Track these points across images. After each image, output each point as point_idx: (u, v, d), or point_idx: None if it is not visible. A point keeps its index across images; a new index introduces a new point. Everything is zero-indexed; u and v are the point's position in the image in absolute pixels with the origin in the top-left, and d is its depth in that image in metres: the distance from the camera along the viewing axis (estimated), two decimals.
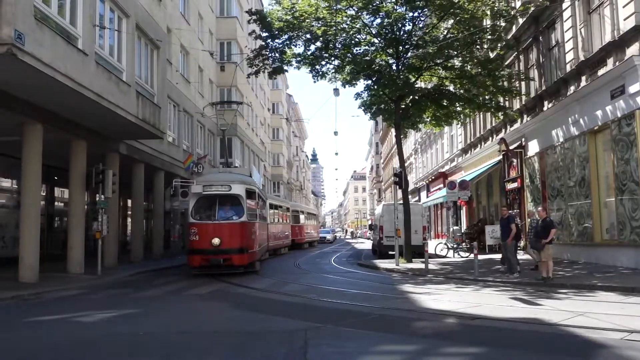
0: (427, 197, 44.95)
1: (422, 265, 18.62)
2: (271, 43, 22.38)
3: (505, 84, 23.22)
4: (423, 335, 7.94)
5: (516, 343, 7.32)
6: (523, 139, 24.27)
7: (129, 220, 31.47)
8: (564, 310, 9.45)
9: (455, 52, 22.29)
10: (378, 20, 21.91)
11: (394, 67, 22.62)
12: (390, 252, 24.09)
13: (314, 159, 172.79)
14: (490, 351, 6.80)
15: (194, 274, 17.68)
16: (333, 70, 23.17)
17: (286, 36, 21.89)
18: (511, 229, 15.67)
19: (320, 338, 7.73)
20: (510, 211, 20.12)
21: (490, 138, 29.35)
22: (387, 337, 7.75)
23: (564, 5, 19.54)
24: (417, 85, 23.13)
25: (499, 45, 23.34)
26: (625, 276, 14.08)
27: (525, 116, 24.15)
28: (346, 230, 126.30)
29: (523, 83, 23.92)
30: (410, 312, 9.98)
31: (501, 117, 24.99)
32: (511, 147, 25.20)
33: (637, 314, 9.11)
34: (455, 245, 26.12)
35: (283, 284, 15.40)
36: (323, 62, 22.79)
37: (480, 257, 17.25)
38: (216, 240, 17.03)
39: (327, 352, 6.88)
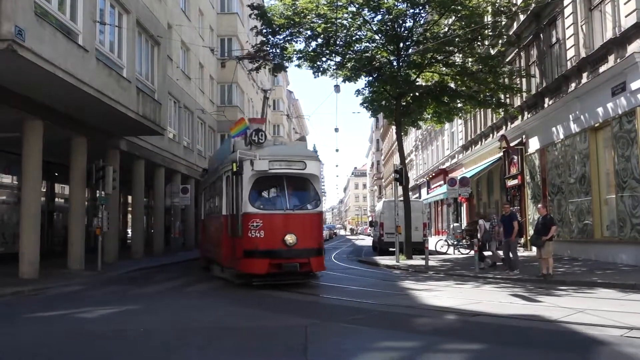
0: (428, 193, 44.98)
1: (423, 262, 18.62)
2: (272, 39, 22.35)
3: (506, 80, 23.21)
4: (423, 331, 7.94)
5: (516, 340, 7.32)
6: (524, 136, 24.25)
7: (130, 216, 31.50)
8: (563, 307, 9.45)
9: (456, 49, 22.27)
10: (379, 17, 21.88)
11: (394, 63, 22.60)
12: (391, 249, 24.12)
13: None
14: (490, 348, 6.80)
15: (254, 284, 12.95)
16: (334, 67, 23.15)
17: (287, 32, 21.86)
18: (513, 227, 15.66)
19: (320, 334, 7.73)
20: (511, 208, 20.12)
21: (491, 135, 29.32)
22: (387, 334, 7.75)
23: (565, 2, 19.49)
24: (418, 83, 23.08)
25: (500, 41, 23.36)
26: (626, 273, 14.08)
27: (526, 113, 24.12)
28: (346, 227, 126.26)
29: (524, 80, 23.90)
30: (410, 308, 9.98)
31: (502, 114, 24.98)
32: (512, 144, 25.18)
33: (637, 310, 9.11)
34: (455, 242, 26.14)
35: None
36: (324, 59, 22.77)
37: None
38: (291, 238, 12.65)
39: (327, 348, 6.89)
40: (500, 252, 16.93)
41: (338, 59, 22.90)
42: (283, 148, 15.15)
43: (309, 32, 21.71)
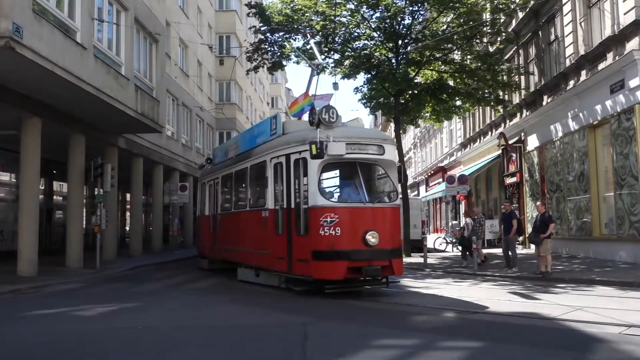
0: (426, 191, 44.96)
1: (421, 260, 18.64)
2: (270, 37, 22.33)
3: (505, 78, 23.20)
4: (422, 329, 7.95)
5: (515, 337, 7.33)
6: (522, 134, 24.26)
7: (128, 214, 31.49)
8: (562, 305, 9.47)
9: (455, 46, 22.26)
10: (377, 14, 21.86)
11: (393, 61, 22.59)
12: None
13: None
14: (488, 345, 6.81)
15: (326, 292, 10.91)
16: (333, 64, 23.15)
17: (285, 30, 21.83)
18: (512, 224, 15.67)
19: (319, 332, 7.74)
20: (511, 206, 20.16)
21: (490, 132, 29.32)
22: (386, 332, 7.75)
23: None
24: (416, 81, 23.08)
25: (499, 39, 23.35)
26: (624, 271, 14.10)
27: (524, 111, 24.12)
28: None
29: (522, 77, 23.89)
30: (409, 306, 9.99)
31: (501, 111, 24.99)
32: (510, 142, 25.19)
33: (635, 308, 9.13)
34: (454, 240, 26.15)
35: None
36: (322, 56, 22.74)
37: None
38: (373, 237, 10.57)
39: (326, 346, 6.88)
40: (485, 251, 17.03)
41: (337, 56, 22.90)
42: (357, 129, 12.59)
43: (307, 30, 21.68)
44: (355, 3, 21.39)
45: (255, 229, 12.99)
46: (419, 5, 21.65)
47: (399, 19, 21.82)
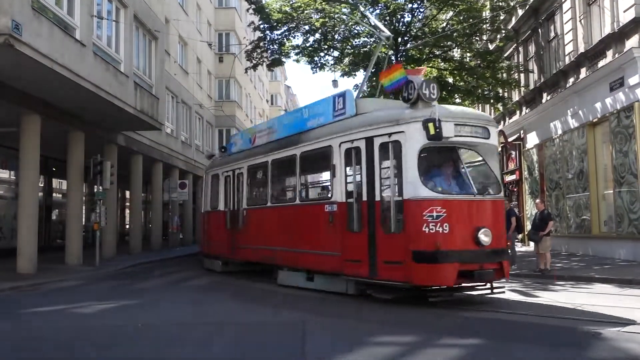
0: None
1: None
2: (270, 34, 22.32)
3: (505, 75, 23.19)
4: (421, 326, 7.94)
5: (513, 335, 7.34)
6: (522, 131, 24.26)
7: (128, 211, 31.50)
8: (561, 302, 9.47)
9: (455, 44, 22.25)
10: (377, 12, 21.83)
11: (392, 58, 22.56)
12: None
13: None
14: (487, 343, 6.82)
15: (431, 300, 9.40)
16: (332, 62, 23.13)
17: (285, 27, 21.82)
18: (511, 222, 15.66)
19: (318, 329, 7.75)
20: (511, 204, 20.19)
21: None
22: (385, 329, 7.77)
23: None
24: None
25: (498, 36, 23.33)
26: (623, 268, 14.11)
27: (524, 108, 24.13)
28: None
29: (522, 75, 23.88)
30: (407, 303, 9.98)
31: (500, 109, 24.98)
32: (510, 139, 25.18)
33: (634, 305, 9.14)
34: None
35: None
36: (322, 54, 22.73)
37: None
38: (486, 235, 9.08)
39: (325, 343, 6.90)
40: None
41: (336, 54, 22.88)
42: (459, 108, 11.28)
43: (306, 27, 21.68)
44: (355, 0, 21.37)
45: (312, 225, 11.33)
46: (419, 2, 21.63)
47: (399, 17, 21.79)
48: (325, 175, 11.53)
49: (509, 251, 15.53)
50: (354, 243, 10.00)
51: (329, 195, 10.89)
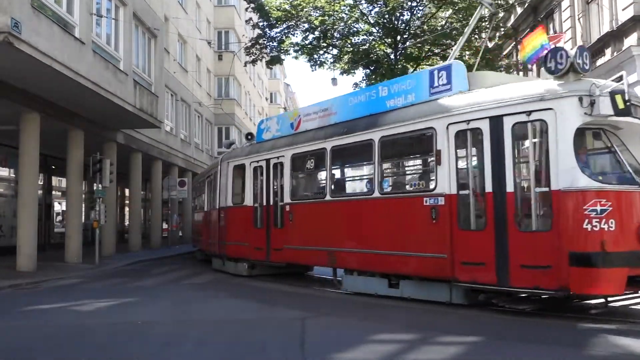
0: None
1: None
2: (269, 32, 22.34)
3: (504, 73, 23.21)
4: (419, 324, 7.96)
5: (512, 333, 7.35)
6: None
7: (127, 209, 31.50)
8: (559, 300, 9.47)
9: (454, 42, 22.26)
10: (376, 9, 21.87)
11: (392, 56, 22.60)
12: None
13: None
14: (487, 341, 6.83)
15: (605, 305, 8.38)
16: (331, 60, 23.16)
17: (284, 25, 21.85)
18: None
19: (317, 327, 7.78)
20: None
21: None
22: (385, 327, 7.79)
23: None
24: None
25: (497, 34, 23.34)
26: None
27: None
28: None
29: (521, 73, 23.89)
30: (407, 301, 10.01)
31: None
32: None
33: (631, 303, 9.14)
34: None
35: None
36: (321, 52, 22.77)
37: None
38: None
39: (324, 340, 6.92)
40: None
41: (335, 51, 22.90)
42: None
43: (306, 25, 21.70)
44: None
45: (400, 222, 9.76)
46: (418, 0, 21.66)
47: (398, 14, 21.83)
48: (421, 163, 10.19)
49: None
50: (472, 243, 8.51)
51: (431, 187, 9.24)
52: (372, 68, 22.77)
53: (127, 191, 30.29)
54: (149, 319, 8.50)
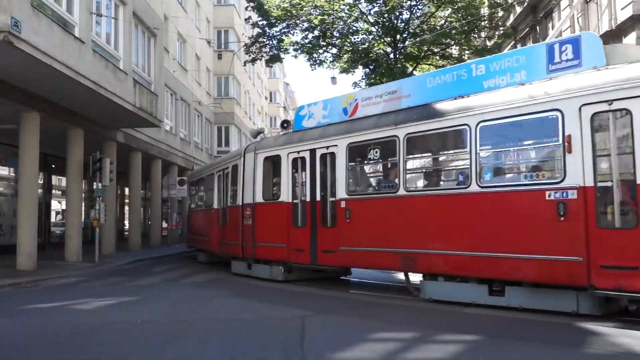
0: None
1: None
2: (269, 31, 22.37)
3: None
4: (418, 322, 7.98)
5: (511, 331, 7.38)
6: None
7: (127, 208, 31.51)
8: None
9: (453, 41, 22.29)
10: (376, 9, 21.89)
11: (391, 55, 22.62)
12: None
13: None
14: (486, 339, 6.85)
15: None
16: (331, 59, 23.19)
17: (284, 24, 21.87)
18: None
19: (317, 326, 7.80)
20: None
21: None
22: (385, 326, 7.81)
23: None
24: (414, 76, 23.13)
25: (497, 34, 23.36)
26: None
27: None
28: None
29: None
30: (406, 300, 10.03)
31: None
32: None
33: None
34: None
35: None
36: (321, 51, 22.80)
37: None
38: None
39: (324, 339, 6.93)
40: None
41: (335, 50, 22.92)
42: None
43: (305, 24, 21.72)
44: None
45: (510, 219, 8.47)
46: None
47: (397, 14, 21.85)
48: (538, 152, 8.76)
49: None
50: (617, 243, 7.34)
51: (557, 178, 8.00)
52: (371, 67, 22.79)
53: (126, 190, 30.31)
54: (148, 318, 8.51)
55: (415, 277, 10.24)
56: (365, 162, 11.51)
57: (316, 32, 22.00)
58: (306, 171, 12.08)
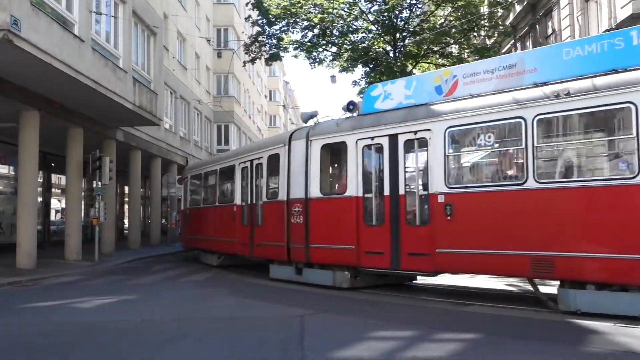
0: None
1: None
2: (268, 29, 22.36)
3: None
4: (418, 321, 7.99)
5: (511, 330, 7.39)
6: None
7: (127, 207, 31.52)
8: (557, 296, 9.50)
9: (452, 40, 22.28)
10: (375, 7, 21.89)
11: (391, 54, 22.60)
12: None
13: None
14: (485, 337, 6.86)
15: None
16: (330, 57, 23.18)
17: (283, 22, 21.86)
18: None
19: (317, 324, 7.80)
20: None
21: None
22: (384, 324, 7.81)
23: None
24: (414, 74, 23.12)
25: (496, 32, 23.35)
26: None
27: None
28: None
29: None
30: (406, 298, 10.05)
31: None
32: None
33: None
34: None
35: None
36: (320, 49, 22.79)
37: None
38: None
39: (323, 338, 6.94)
40: None
41: (334, 49, 22.91)
42: None
43: (305, 23, 21.72)
44: None
45: None
46: None
47: (397, 12, 21.82)
48: None
49: None
50: None
51: None
52: (371, 66, 22.77)
53: (126, 189, 30.30)
54: (148, 317, 8.52)
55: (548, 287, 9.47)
56: (473, 148, 9.78)
57: (316, 31, 21.97)
58: (383, 160, 10.39)
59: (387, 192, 10.25)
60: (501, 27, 23.26)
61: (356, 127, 10.93)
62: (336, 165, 11.72)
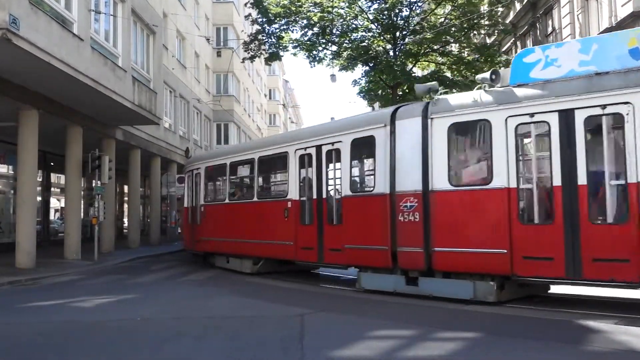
0: None
1: None
2: (268, 28, 22.36)
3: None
4: (418, 320, 7.98)
5: (511, 329, 7.37)
6: None
7: (126, 206, 31.50)
8: (557, 296, 9.50)
9: (453, 38, 22.27)
10: (375, 6, 21.88)
11: (391, 53, 22.60)
12: None
13: None
14: (485, 337, 6.85)
15: None
16: (330, 56, 23.17)
17: (283, 21, 21.86)
18: None
19: (316, 324, 7.79)
20: None
21: None
22: (384, 323, 7.80)
23: None
24: (414, 73, 23.11)
25: (496, 31, 23.35)
26: None
27: None
28: None
29: None
30: (405, 297, 10.02)
31: None
32: None
33: (630, 299, 9.17)
34: None
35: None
36: (320, 48, 22.78)
37: None
38: None
39: (323, 337, 6.92)
40: None
41: (334, 48, 22.90)
42: None
43: (305, 21, 21.71)
44: None
45: None
46: None
47: (397, 11, 21.82)
48: None
49: None
50: None
51: None
52: (371, 64, 22.76)
53: (126, 188, 30.28)
54: (147, 316, 8.51)
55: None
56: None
57: (315, 30, 21.97)
58: (551, 143, 8.30)
59: (557, 182, 8.13)
60: (501, 26, 23.26)
61: (504, 101, 8.79)
62: (470, 148, 9.64)
